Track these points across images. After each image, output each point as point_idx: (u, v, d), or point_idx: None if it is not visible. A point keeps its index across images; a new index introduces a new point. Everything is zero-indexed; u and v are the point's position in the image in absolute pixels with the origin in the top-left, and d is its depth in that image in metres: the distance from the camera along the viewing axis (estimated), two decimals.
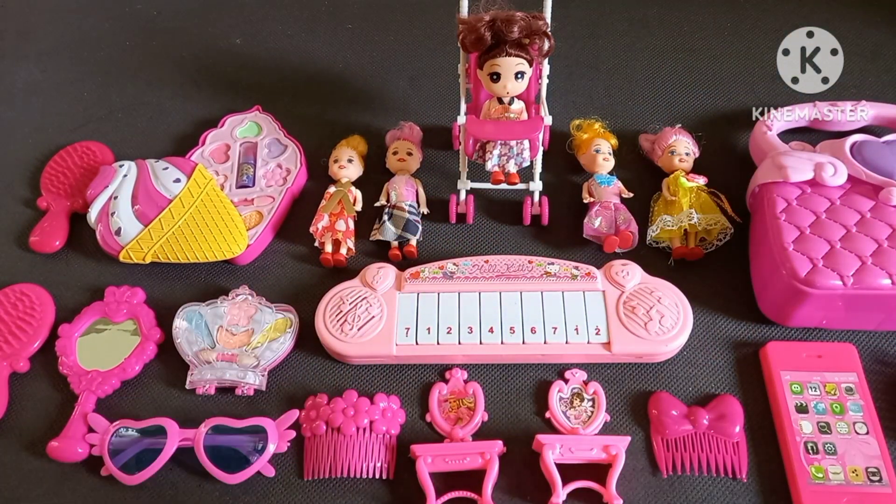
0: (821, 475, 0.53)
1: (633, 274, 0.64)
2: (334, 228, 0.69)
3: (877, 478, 0.53)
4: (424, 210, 0.73)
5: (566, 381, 0.61)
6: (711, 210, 0.68)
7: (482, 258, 0.67)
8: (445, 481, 0.55)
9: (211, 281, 0.69)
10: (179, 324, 0.64)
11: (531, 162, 0.69)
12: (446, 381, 0.62)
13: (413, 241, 0.70)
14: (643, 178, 0.75)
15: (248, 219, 0.71)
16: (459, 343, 0.61)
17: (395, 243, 0.70)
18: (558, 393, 0.60)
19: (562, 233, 0.71)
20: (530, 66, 0.63)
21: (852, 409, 0.57)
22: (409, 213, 0.70)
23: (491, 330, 0.61)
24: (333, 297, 0.64)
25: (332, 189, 0.73)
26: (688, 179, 0.70)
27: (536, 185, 0.71)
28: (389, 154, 0.76)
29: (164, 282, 0.69)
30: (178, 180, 0.72)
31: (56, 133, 0.83)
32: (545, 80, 0.69)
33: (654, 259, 0.68)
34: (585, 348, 0.60)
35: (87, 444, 0.57)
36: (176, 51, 0.93)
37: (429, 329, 0.62)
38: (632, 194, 0.73)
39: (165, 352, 0.64)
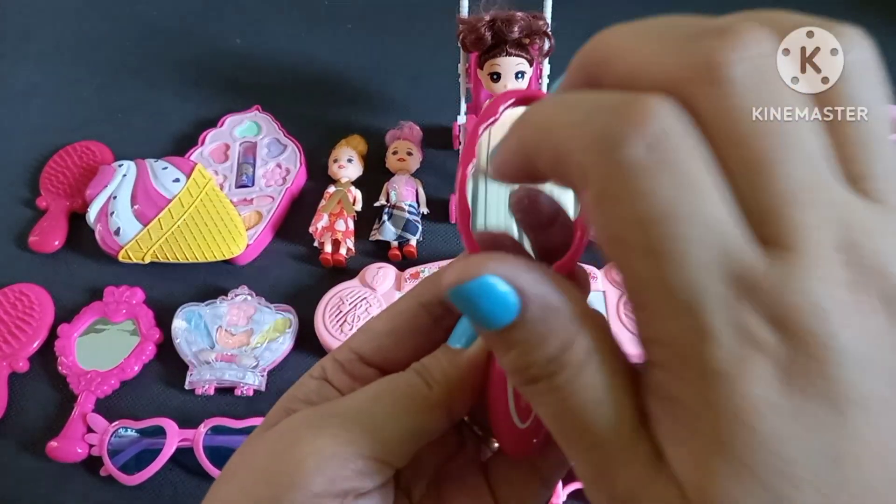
0: None
1: None
2: (334, 228, 0.69)
3: None
4: (424, 210, 0.73)
5: None
6: None
7: None
8: None
9: (210, 281, 0.69)
10: (178, 324, 0.64)
11: None
12: None
13: (413, 241, 0.70)
14: None
15: (248, 219, 0.71)
16: None
17: (395, 243, 0.70)
18: None
19: None
20: (530, 66, 0.63)
21: None
22: (409, 213, 0.70)
23: None
24: (333, 298, 0.64)
25: (331, 189, 0.73)
26: None
27: None
28: (389, 154, 0.76)
29: (163, 282, 0.69)
30: (177, 180, 0.72)
31: (56, 133, 0.83)
32: (545, 80, 0.69)
33: None
34: None
35: (86, 445, 0.57)
36: (176, 51, 0.93)
37: None
38: None
39: (165, 352, 0.64)
